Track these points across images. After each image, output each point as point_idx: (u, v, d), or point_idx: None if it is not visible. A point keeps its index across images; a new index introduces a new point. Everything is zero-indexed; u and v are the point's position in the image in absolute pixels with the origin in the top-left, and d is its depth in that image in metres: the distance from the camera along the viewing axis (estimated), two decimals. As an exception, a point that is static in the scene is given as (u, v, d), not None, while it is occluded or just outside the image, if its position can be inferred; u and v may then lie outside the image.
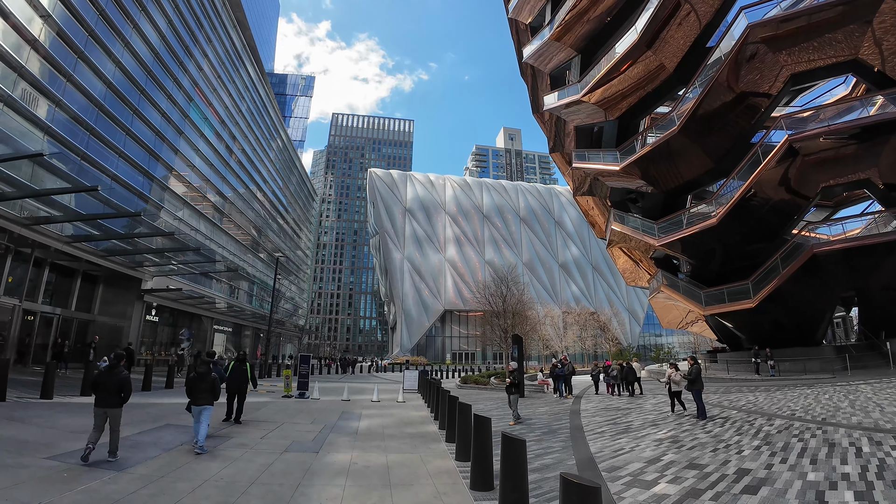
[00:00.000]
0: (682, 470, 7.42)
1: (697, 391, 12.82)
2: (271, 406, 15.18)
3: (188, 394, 8.39)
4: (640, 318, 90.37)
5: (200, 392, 8.20)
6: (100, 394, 7.16)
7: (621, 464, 7.86)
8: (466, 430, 7.80)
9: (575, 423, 12.64)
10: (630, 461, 8.07)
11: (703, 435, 10.31)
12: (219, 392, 8.64)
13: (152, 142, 28.63)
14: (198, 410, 8.19)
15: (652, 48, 27.42)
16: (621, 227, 33.05)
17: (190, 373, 9.38)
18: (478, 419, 6.38)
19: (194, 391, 8.24)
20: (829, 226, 28.65)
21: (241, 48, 46.60)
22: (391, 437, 10.26)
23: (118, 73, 25.37)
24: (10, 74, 18.46)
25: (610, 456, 8.48)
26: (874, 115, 22.37)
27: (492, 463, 6.20)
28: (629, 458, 8.33)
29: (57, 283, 24.43)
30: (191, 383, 8.34)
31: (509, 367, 13.51)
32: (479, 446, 6.07)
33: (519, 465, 4.76)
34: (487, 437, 6.13)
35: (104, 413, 7.09)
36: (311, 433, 10.39)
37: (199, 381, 8.32)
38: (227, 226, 42.35)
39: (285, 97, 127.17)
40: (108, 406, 7.12)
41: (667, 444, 9.50)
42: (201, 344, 39.42)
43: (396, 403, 17.00)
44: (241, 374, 11.47)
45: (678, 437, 10.22)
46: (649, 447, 9.20)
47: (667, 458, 8.22)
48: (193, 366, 14.23)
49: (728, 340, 34.64)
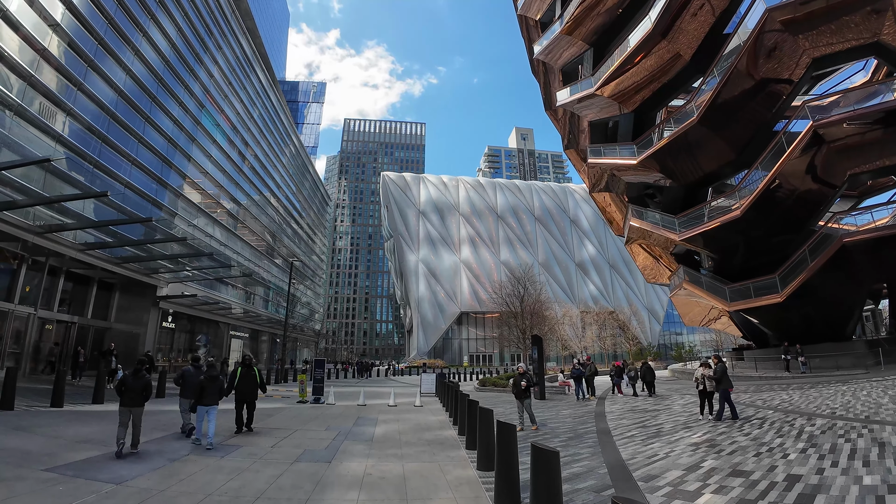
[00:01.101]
0: (726, 478, 6.76)
1: (725, 391, 12.16)
2: (285, 412, 14.77)
3: (192, 395, 9.41)
4: (659, 317, 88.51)
5: (211, 394, 9.07)
6: (126, 395, 8.13)
7: (658, 472, 7.22)
8: (488, 438, 7.25)
9: (601, 426, 11.98)
10: (667, 468, 7.42)
11: (741, 438, 9.59)
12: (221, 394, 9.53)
13: (165, 149, 28.70)
14: (204, 410, 9.01)
15: (667, 37, 26.59)
16: (640, 223, 32.15)
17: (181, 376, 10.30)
18: (501, 426, 5.80)
19: (204, 392, 9.07)
20: (854, 216, 27.64)
21: (251, 55, 46.83)
22: (408, 443, 9.74)
23: (129, 81, 25.47)
24: (19, 83, 18.50)
25: (644, 463, 7.83)
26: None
27: (518, 475, 5.63)
28: (665, 464, 7.68)
29: (72, 292, 24.51)
30: (200, 385, 9.18)
31: (520, 369, 12.40)
32: (505, 457, 5.50)
33: (552, 480, 4.19)
34: (512, 447, 5.55)
35: (129, 412, 8.07)
36: (324, 441, 9.91)
37: (210, 382, 9.17)
38: (241, 231, 42.46)
39: (297, 104, 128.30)
40: (133, 405, 8.14)
41: (704, 448, 8.81)
42: (218, 350, 39.51)
43: (413, 408, 16.49)
44: (250, 380, 10.90)
45: (715, 440, 9.52)
46: (685, 452, 8.53)
47: (707, 465, 7.56)
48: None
49: (754, 337, 33.53)
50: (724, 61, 24.95)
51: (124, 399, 8.12)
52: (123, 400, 8.11)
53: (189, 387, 9.42)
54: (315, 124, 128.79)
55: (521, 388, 11.69)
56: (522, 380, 11.75)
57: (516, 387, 11.86)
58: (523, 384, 11.60)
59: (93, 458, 7.43)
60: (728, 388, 12.17)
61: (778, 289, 25.34)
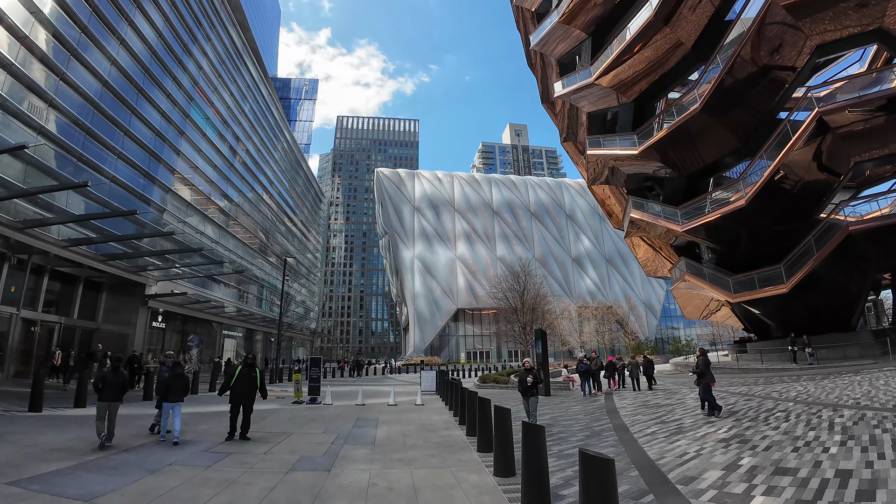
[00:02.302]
0: (772, 477, 6.11)
1: (706, 385, 11.92)
2: (280, 414, 13.96)
3: (160, 392, 9.55)
4: (656, 311, 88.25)
5: (176, 391, 9.29)
6: (105, 390, 8.52)
7: (695, 472, 6.55)
8: (505, 440, 6.52)
9: (617, 422, 11.33)
10: (704, 468, 6.75)
11: (771, 432, 8.97)
12: (185, 390, 9.80)
13: (153, 143, 27.74)
14: (169, 406, 9.21)
15: (669, 24, 26.01)
16: (641, 215, 31.56)
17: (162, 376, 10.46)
18: (529, 428, 5.09)
19: (170, 390, 9.26)
20: (854, 206, 27.41)
21: (241, 48, 45.74)
22: (414, 447, 8.97)
23: (114, 72, 24.48)
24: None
25: (676, 463, 7.16)
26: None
27: (549, 483, 4.92)
28: (700, 464, 7.01)
29: (58, 291, 23.57)
30: (165, 383, 9.42)
31: (526, 365, 11.38)
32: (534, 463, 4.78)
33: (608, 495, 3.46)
34: (542, 452, 4.83)
35: (107, 406, 8.43)
36: (322, 445, 9.09)
37: (176, 380, 9.38)
38: (233, 229, 41.48)
39: (289, 101, 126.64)
40: (111, 400, 8.51)
41: (735, 444, 8.16)
42: (211, 350, 38.60)
43: (415, 407, 15.78)
44: (249, 382, 9.75)
45: (744, 435, 8.88)
46: (717, 450, 7.87)
47: (745, 463, 6.90)
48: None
49: (756, 329, 33.18)
50: (728, 49, 24.45)
51: (102, 394, 8.49)
52: (102, 395, 8.49)
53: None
54: (308, 121, 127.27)
55: (527, 384, 10.77)
56: (529, 376, 10.81)
57: (522, 384, 10.96)
58: (530, 380, 10.68)
59: (63, 470, 6.63)
60: (710, 383, 11.92)
61: (783, 279, 24.93)
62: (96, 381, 8.75)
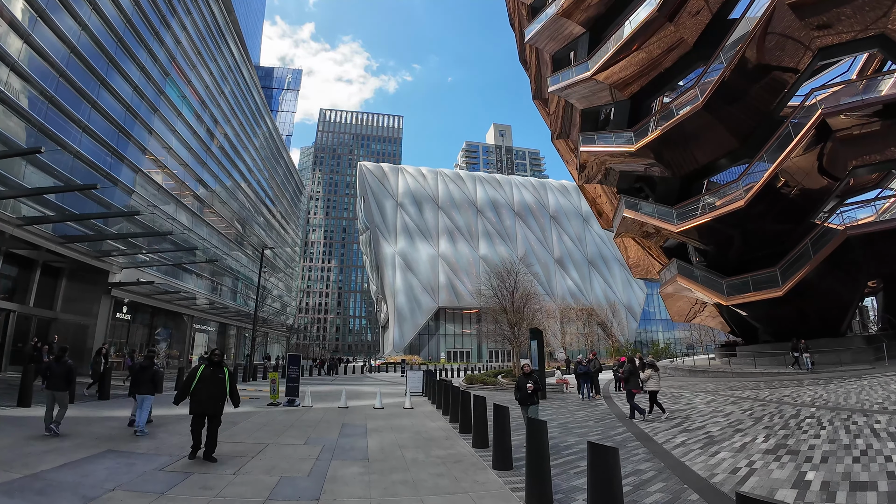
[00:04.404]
0: (854, 494, 5.17)
1: (630, 391, 12.49)
2: (254, 418, 12.28)
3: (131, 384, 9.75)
4: (636, 314, 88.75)
5: (143, 383, 9.17)
6: (50, 380, 8.60)
7: (764, 492, 5.52)
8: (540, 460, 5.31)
9: (636, 430, 10.31)
10: (771, 487, 5.75)
11: (815, 441, 8.09)
12: (158, 386, 9.45)
13: (122, 118, 25.67)
14: (141, 398, 9.19)
15: (673, 21, 25.49)
16: (634, 215, 30.95)
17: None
18: (598, 449, 3.91)
19: (137, 382, 9.30)
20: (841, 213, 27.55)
21: (224, 26, 43.53)
22: (416, 463, 7.56)
23: (84, 37, 22.44)
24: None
25: (734, 481, 6.14)
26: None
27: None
28: (762, 482, 6.00)
29: (12, 276, 21.48)
30: (134, 374, 9.74)
31: (526, 368, 9.82)
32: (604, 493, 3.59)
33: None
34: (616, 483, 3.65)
35: (53, 395, 8.50)
36: (305, 461, 7.55)
37: (140, 372, 9.36)
38: (208, 216, 39.31)
39: (272, 91, 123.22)
40: (56, 389, 8.54)
41: (786, 455, 7.22)
42: (181, 345, 36.45)
43: (404, 411, 14.48)
44: (215, 386, 7.49)
45: (787, 445, 7.95)
46: (770, 463, 6.89)
47: (813, 478, 5.95)
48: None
49: (743, 332, 32.99)
50: (731, 48, 24.04)
51: (48, 384, 8.60)
52: (47, 384, 8.61)
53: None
54: (290, 112, 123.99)
55: (526, 391, 9.31)
56: (528, 381, 9.32)
57: (521, 390, 9.41)
58: (530, 387, 9.26)
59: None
60: (633, 389, 12.36)
61: (779, 283, 24.69)
62: (44, 369, 9.02)
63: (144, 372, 9.27)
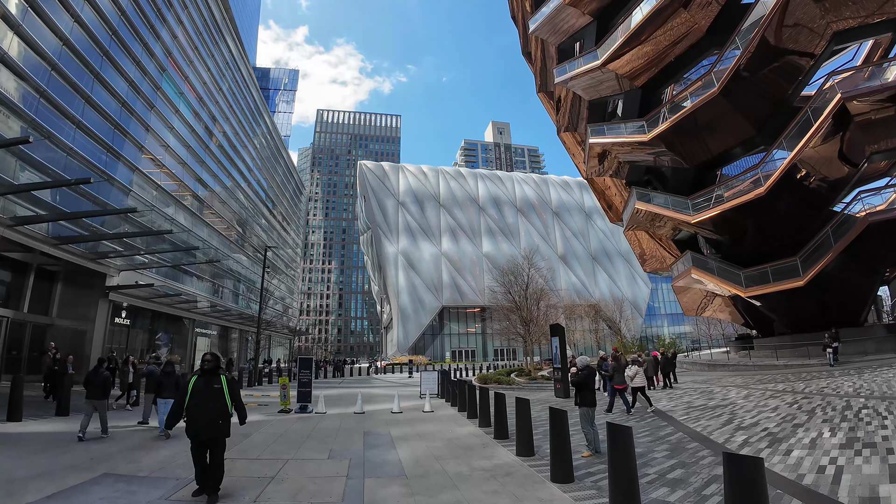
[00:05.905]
0: None
1: (613, 386, 13.01)
2: (266, 428, 11.25)
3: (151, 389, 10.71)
4: (641, 310, 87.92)
5: (168, 388, 9.94)
6: (89, 389, 9.34)
7: (867, 492, 4.74)
8: (629, 478, 4.45)
9: (686, 430, 9.45)
10: (874, 485, 4.91)
11: (884, 431, 7.37)
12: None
13: (118, 115, 24.75)
14: (163, 402, 9.82)
15: (687, 8, 24.78)
16: (647, 206, 30.15)
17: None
18: (734, 459, 3.05)
19: (161, 387, 10.13)
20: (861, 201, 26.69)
21: (221, 22, 42.57)
22: (462, 478, 6.50)
23: (77, 30, 21.52)
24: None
25: (826, 481, 5.38)
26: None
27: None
28: (858, 479, 5.26)
29: (5, 281, 20.57)
30: (158, 380, 10.43)
31: (577, 364, 8.39)
32: None
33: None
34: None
35: (92, 404, 9.25)
36: (335, 481, 6.40)
37: (165, 378, 10.14)
38: (208, 217, 38.38)
39: (269, 91, 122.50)
40: (95, 398, 9.29)
41: (866, 450, 6.42)
42: (182, 349, 35.54)
43: (424, 414, 13.60)
44: (212, 400, 5.76)
45: (860, 438, 7.17)
46: (851, 457, 6.16)
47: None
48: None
49: (758, 324, 32.20)
50: (746, 33, 23.25)
51: (88, 393, 9.35)
52: (87, 394, 9.35)
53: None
54: (288, 113, 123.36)
55: (589, 390, 7.90)
56: (586, 378, 7.90)
57: (584, 389, 7.94)
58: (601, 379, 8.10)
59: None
60: (617, 385, 12.81)
61: (799, 272, 23.95)
62: (84, 381, 9.61)
63: (168, 378, 10.17)
